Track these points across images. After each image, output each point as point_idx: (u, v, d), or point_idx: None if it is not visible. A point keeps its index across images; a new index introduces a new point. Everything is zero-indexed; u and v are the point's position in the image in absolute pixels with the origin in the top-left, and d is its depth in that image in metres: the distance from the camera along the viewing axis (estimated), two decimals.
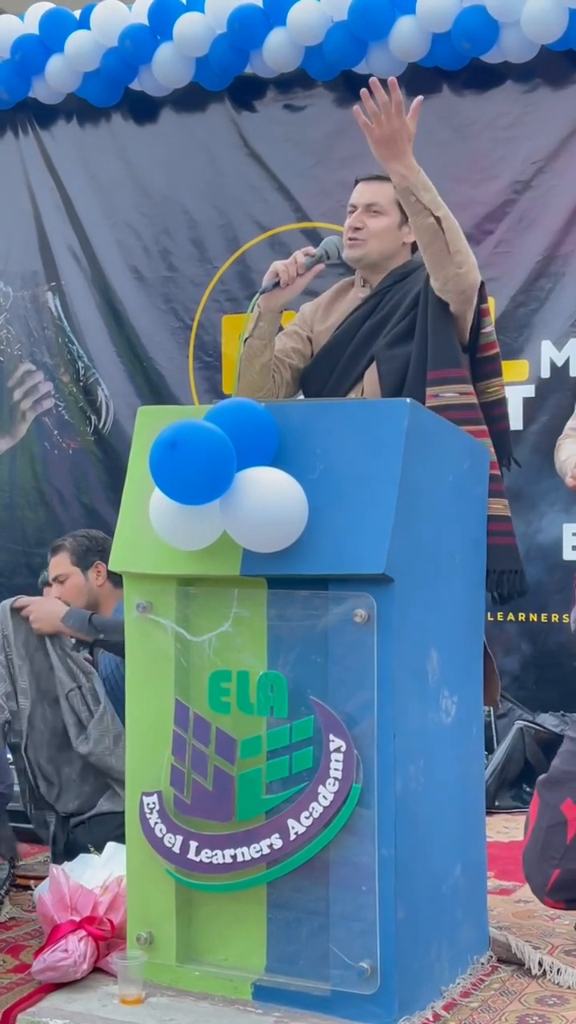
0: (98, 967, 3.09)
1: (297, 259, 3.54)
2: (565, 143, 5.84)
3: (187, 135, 6.67)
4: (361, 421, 2.88)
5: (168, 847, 2.98)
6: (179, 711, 3.00)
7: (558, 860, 1.66)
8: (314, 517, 2.82)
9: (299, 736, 2.87)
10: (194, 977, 2.98)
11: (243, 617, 2.96)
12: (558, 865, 1.66)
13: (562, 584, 5.71)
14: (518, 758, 5.33)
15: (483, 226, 5.99)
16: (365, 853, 2.80)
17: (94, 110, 6.81)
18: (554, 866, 1.68)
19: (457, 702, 3.11)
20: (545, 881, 1.70)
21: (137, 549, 3.04)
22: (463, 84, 6.04)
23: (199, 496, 2.78)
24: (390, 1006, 2.77)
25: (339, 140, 6.25)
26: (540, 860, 1.70)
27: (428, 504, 2.97)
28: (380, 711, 2.79)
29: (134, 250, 6.74)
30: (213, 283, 6.54)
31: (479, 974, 3.13)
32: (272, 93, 6.48)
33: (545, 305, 5.86)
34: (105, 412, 6.82)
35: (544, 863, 1.69)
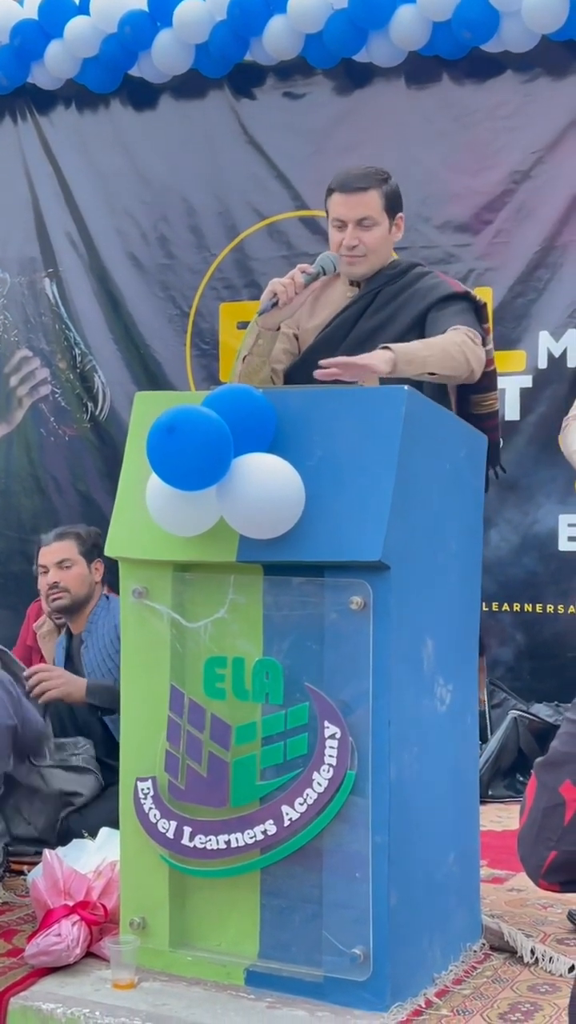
0: (91, 952, 3.10)
1: (295, 278, 3.47)
2: (565, 133, 5.81)
3: (186, 122, 6.64)
4: (359, 408, 2.88)
5: (162, 832, 2.98)
6: (174, 697, 3.00)
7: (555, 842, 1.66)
8: (311, 504, 2.82)
9: (294, 723, 2.87)
10: (187, 962, 2.99)
11: (239, 603, 2.96)
12: (555, 847, 1.66)
13: (557, 575, 5.71)
14: (512, 748, 5.33)
15: (482, 216, 5.97)
16: (359, 840, 2.81)
17: (93, 96, 6.78)
18: (550, 848, 1.67)
19: (452, 691, 3.12)
20: (540, 863, 1.70)
21: (133, 534, 3.04)
22: (463, 73, 6.02)
23: (196, 482, 2.77)
24: (382, 993, 2.78)
25: (338, 128, 6.23)
26: (536, 842, 1.70)
27: (425, 492, 2.97)
28: (375, 698, 2.80)
29: (132, 237, 6.72)
30: (211, 271, 6.53)
31: (471, 961, 3.14)
32: (272, 81, 6.46)
33: (543, 295, 5.84)
34: (102, 399, 6.80)
35: (540, 845, 1.69)
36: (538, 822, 1.70)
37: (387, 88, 6.17)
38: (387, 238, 3.65)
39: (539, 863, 1.70)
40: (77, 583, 4.46)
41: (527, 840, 1.72)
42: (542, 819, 1.69)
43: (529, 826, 1.72)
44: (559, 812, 1.67)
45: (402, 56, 6.01)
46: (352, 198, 3.60)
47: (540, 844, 1.70)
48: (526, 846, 1.73)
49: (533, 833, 1.71)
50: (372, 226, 3.60)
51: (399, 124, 6.08)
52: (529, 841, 1.72)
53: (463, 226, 6.01)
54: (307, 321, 3.68)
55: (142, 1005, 2.83)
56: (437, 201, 6.06)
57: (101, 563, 4.46)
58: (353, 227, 3.59)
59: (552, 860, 1.69)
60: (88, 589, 4.49)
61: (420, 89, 6.11)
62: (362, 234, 3.59)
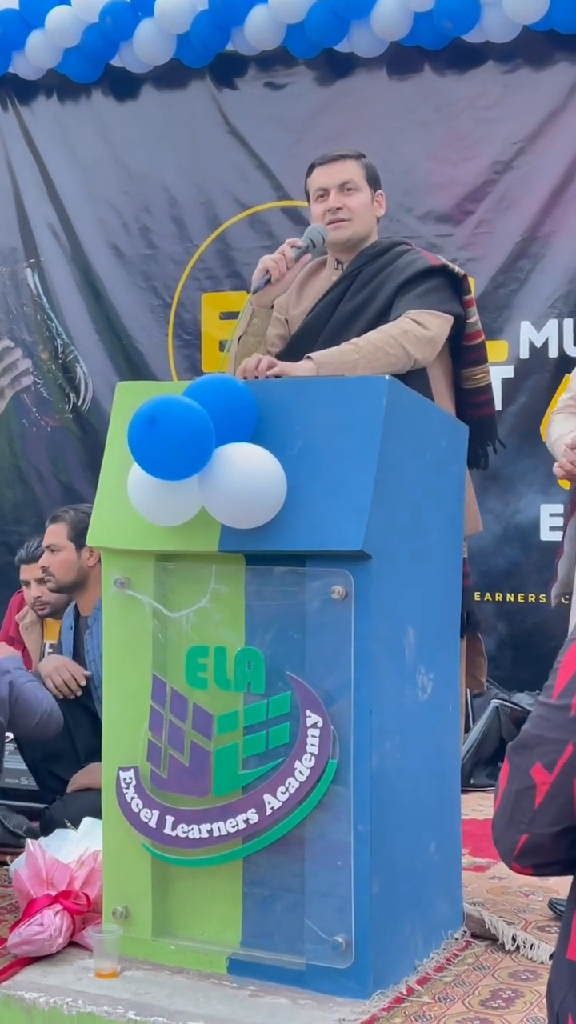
0: (74, 941, 3.10)
1: (285, 252, 3.47)
2: (546, 124, 5.83)
3: (168, 112, 6.64)
4: (340, 398, 2.88)
5: (144, 822, 2.99)
6: (156, 686, 3.00)
7: (526, 825, 1.67)
8: (292, 493, 2.83)
9: (276, 712, 2.88)
10: (169, 951, 2.99)
11: (221, 593, 2.96)
12: (526, 830, 1.67)
13: (539, 565, 5.72)
14: (494, 737, 5.35)
15: (464, 206, 5.99)
16: (341, 829, 2.81)
17: (75, 86, 6.78)
18: (522, 831, 1.68)
19: (433, 679, 3.12)
20: (513, 846, 1.70)
21: (115, 525, 3.05)
22: (444, 64, 6.03)
23: (177, 471, 2.78)
24: (364, 980, 2.79)
25: (320, 118, 6.24)
26: (508, 825, 1.70)
27: (406, 481, 2.97)
28: (357, 687, 2.80)
29: (114, 227, 6.72)
30: (193, 261, 6.53)
31: (453, 949, 3.15)
32: (253, 71, 6.46)
33: (525, 286, 5.86)
34: (84, 390, 6.80)
35: (512, 828, 1.70)
36: (510, 805, 1.71)
37: (369, 78, 6.18)
38: (369, 207, 3.66)
39: (511, 846, 1.71)
40: (64, 569, 4.41)
41: (500, 824, 1.73)
42: (514, 802, 1.70)
43: (502, 810, 1.73)
44: (530, 795, 1.68)
45: (384, 46, 6.02)
46: (332, 166, 3.65)
47: (512, 827, 1.71)
48: (499, 830, 1.74)
49: (505, 817, 1.72)
50: (354, 191, 3.63)
51: (381, 114, 6.09)
52: (502, 825, 1.73)
53: (445, 216, 6.02)
54: (294, 307, 3.69)
55: (125, 994, 2.83)
56: (419, 191, 6.07)
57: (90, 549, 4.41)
58: (336, 192, 3.62)
59: (524, 843, 1.70)
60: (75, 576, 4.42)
61: (402, 79, 6.12)
62: (345, 199, 3.62)
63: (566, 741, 1.66)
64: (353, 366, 3.27)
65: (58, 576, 4.40)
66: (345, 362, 3.27)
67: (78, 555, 4.37)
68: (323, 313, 3.63)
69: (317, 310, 3.64)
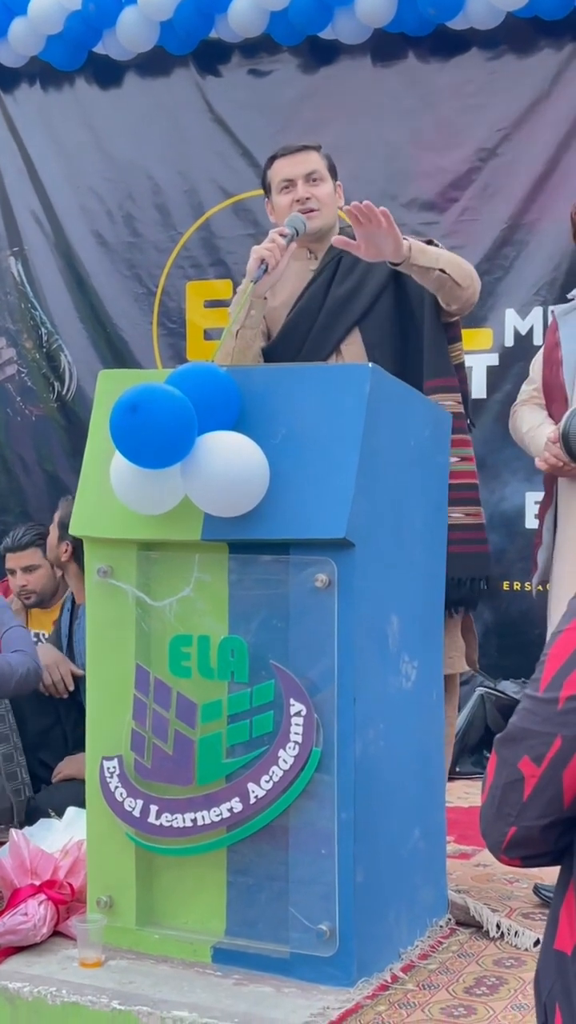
0: (58, 931, 3.10)
1: (277, 241, 3.47)
2: (530, 111, 5.82)
3: (151, 100, 6.61)
4: (323, 386, 2.87)
5: (128, 811, 2.98)
6: (140, 675, 3.00)
7: (514, 818, 1.67)
8: (275, 482, 2.82)
9: (259, 700, 2.87)
10: (154, 940, 2.99)
11: (204, 582, 2.96)
12: (514, 822, 1.67)
13: (524, 552, 5.72)
14: (479, 724, 5.36)
15: (448, 193, 5.98)
16: (325, 817, 2.81)
17: (58, 73, 6.74)
18: (510, 823, 1.68)
19: (417, 667, 3.12)
20: (501, 839, 1.71)
21: (98, 513, 3.04)
22: (428, 51, 6.01)
23: (160, 460, 2.77)
24: (349, 968, 2.79)
25: (305, 105, 6.22)
26: (496, 818, 1.71)
27: (390, 469, 2.97)
28: (340, 675, 2.80)
29: (98, 215, 6.69)
30: (177, 249, 6.51)
31: (438, 936, 3.15)
32: (237, 58, 6.43)
33: (510, 273, 5.85)
34: (68, 378, 6.78)
35: (500, 821, 1.70)
36: (498, 798, 1.71)
37: (353, 65, 6.16)
38: (333, 198, 3.71)
39: (500, 839, 1.71)
40: (39, 582, 4.86)
41: (488, 816, 1.73)
42: (502, 795, 1.70)
43: (489, 802, 1.73)
44: (518, 788, 1.68)
45: (368, 33, 6.00)
46: (296, 157, 3.69)
47: (500, 820, 1.71)
48: (487, 822, 1.74)
49: (493, 809, 1.72)
50: (320, 181, 3.67)
51: (365, 102, 6.07)
52: (490, 817, 1.73)
53: (429, 204, 6.01)
54: (271, 300, 3.67)
55: (109, 983, 2.83)
56: (403, 179, 6.06)
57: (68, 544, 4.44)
58: (302, 183, 3.65)
59: (512, 836, 1.70)
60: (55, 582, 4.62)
61: (386, 67, 6.10)
62: (312, 189, 3.65)
63: (554, 734, 1.66)
64: (437, 257, 3.42)
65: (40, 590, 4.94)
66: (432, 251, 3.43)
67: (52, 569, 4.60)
68: (313, 301, 3.63)
69: (306, 299, 3.64)
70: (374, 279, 3.58)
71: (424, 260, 3.38)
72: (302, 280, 3.67)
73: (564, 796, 1.66)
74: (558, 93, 5.78)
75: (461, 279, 3.44)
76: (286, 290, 3.66)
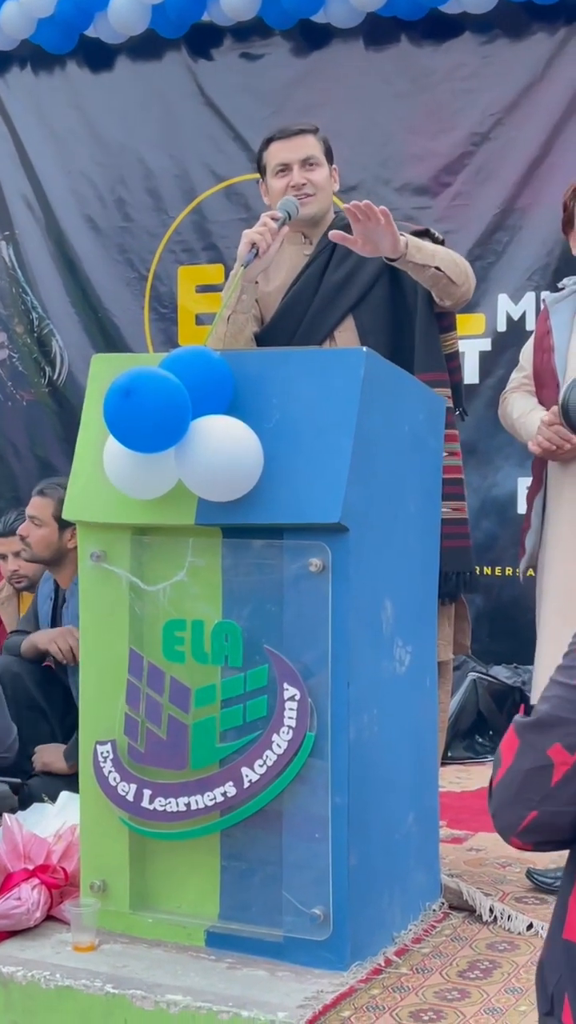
0: (51, 915, 3.10)
1: (268, 224, 3.44)
2: (523, 95, 5.81)
3: (143, 84, 6.59)
4: (317, 370, 2.87)
5: (122, 795, 2.98)
6: (133, 660, 2.99)
7: (536, 802, 1.66)
8: (269, 466, 2.81)
9: (253, 685, 2.87)
10: (147, 924, 2.99)
11: (198, 566, 2.95)
12: (536, 807, 1.66)
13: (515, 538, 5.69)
14: (471, 710, 5.37)
15: (441, 178, 5.97)
16: (318, 801, 2.81)
17: (49, 57, 6.72)
18: (531, 807, 1.67)
19: (411, 652, 3.12)
20: (518, 822, 1.69)
21: (91, 498, 3.03)
22: (421, 35, 6.00)
23: (154, 444, 2.76)
24: (342, 952, 2.79)
25: (296, 89, 6.20)
26: (515, 801, 1.69)
27: (384, 454, 2.96)
28: (334, 660, 2.80)
29: (89, 200, 6.67)
30: (169, 233, 6.49)
31: (431, 920, 3.16)
32: (229, 42, 6.42)
33: (502, 258, 5.84)
34: (59, 363, 6.77)
35: (519, 804, 1.68)
36: (518, 782, 1.69)
37: (345, 49, 6.14)
38: (329, 182, 3.68)
39: (516, 821, 1.70)
40: (40, 544, 4.42)
41: (505, 798, 1.71)
42: (524, 779, 1.68)
43: (507, 784, 1.70)
44: (546, 774, 1.66)
45: (360, 17, 5.98)
46: (293, 141, 3.64)
47: (519, 803, 1.69)
48: (503, 804, 1.71)
49: (512, 791, 1.70)
50: (316, 166, 3.63)
51: (357, 86, 6.06)
52: (507, 799, 1.71)
53: (422, 188, 6.00)
54: (264, 285, 3.66)
55: (103, 967, 2.83)
56: (396, 163, 6.05)
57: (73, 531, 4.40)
58: (298, 168, 3.61)
59: (532, 820, 1.68)
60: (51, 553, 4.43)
61: (378, 51, 6.09)
62: (309, 174, 3.62)
63: None
64: (433, 254, 3.40)
65: (35, 549, 4.41)
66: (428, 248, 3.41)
67: (60, 535, 4.37)
68: (308, 286, 3.61)
69: (300, 284, 3.63)
70: (369, 266, 3.57)
71: (420, 257, 3.37)
72: (297, 265, 3.65)
73: None
74: (551, 77, 5.77)
75: (456, 276, 3.43)
76: (280, 275, 3.65)
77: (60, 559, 4.40)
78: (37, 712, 4.35)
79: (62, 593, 4.45)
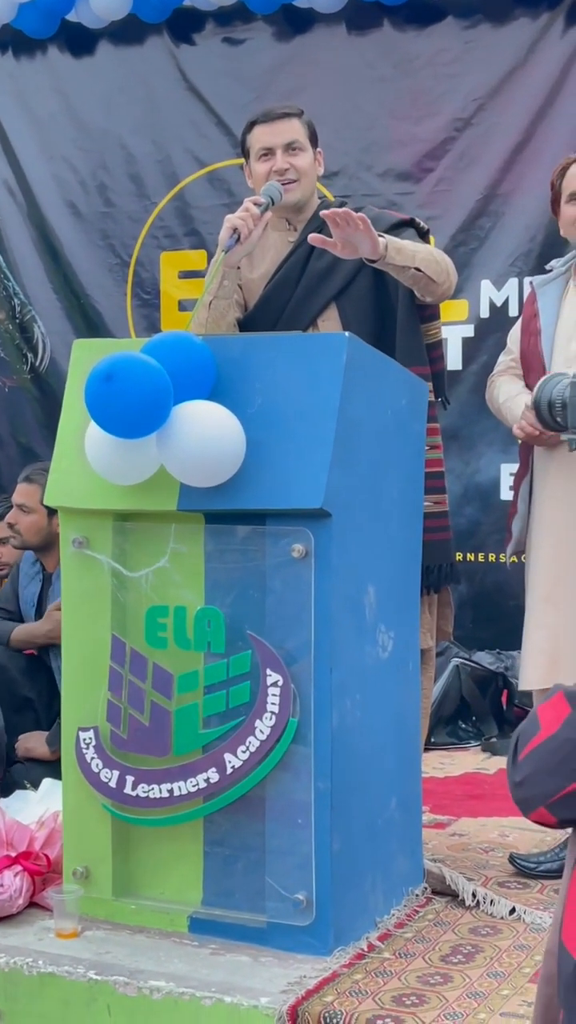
0: (34, 902, 3.10)
1: (250, 209, 3.40)
2: (506, 81, 5.80)
3: (125, 69, 6.56)
4: (300, 355, 2.86)
5: (104, 782, 2.98)
6: (116, 646, 2.98)
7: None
8: (252, 452, 2.81)
9: (236, 671, 2.87)
10: (130, 911, 2.99)
11: (180, 552, 2.95)
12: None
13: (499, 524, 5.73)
14: (454, 695, 5.37)
15: (423, 164, 5.96)
16: (301, 787, 2.81)
17: (30, 42, 6.68)
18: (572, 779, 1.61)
19: (394, 637, 3.12)
20: (554, 791, 1.62)
21: (73, 484, 3.02)
22: (404, 19, 5.98)
23: (135, 430, 2.75)
24: (325, 937, 2.80)
25: (279, 74, 6.19)
26: (555, 771, 1.62)
27: (366, 439, 2.96)
28: (317, 646, 2.80)
29: (71, 185, 6.65)
30: (151, 219, 6.47)
31: (414, 905, 3.16)
32: (211, 26, 6.39)
33: (485, 244, 5.84)
34: (42, 350, 6.74)
35: (559, 775, 1.61)
36: (563, 750, 1.62)
37: (328, 34, 6.13)
38: (314, 167, 3.63)
39: (552, 791, 1.63)
40: (30, 531, 4.42)
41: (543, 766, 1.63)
42: (569, 749, 1.62)
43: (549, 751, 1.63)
44: None
45: (343, 2, 5.97)
46: (277, 125, 3.60)
47: (560, 774, 1.62)
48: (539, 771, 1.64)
49: (555, 760, 1.62)
50: (300, 151, 3.59)
51: (340, 71, 6.04)
52: (545, 768, 1.63)
53: (405, 174, 5.99)
54: (248, 271, 3.64)
55: (85, 954, 2.83)
56: (379, 149, 6.03)
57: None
58: (282, 153, 3.57)
59: (570, 792, 1.62)
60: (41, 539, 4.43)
61: (361, 35, 6.07)
62: (292, 159, 3.58)
63: None
64: (413, 255, 3.36)
65: (25, 536, 4.41)
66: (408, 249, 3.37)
67: (49, 520, 4.36)
68: (292, 273, 3.59)
69: (284, 270, 3.60)
70: None
71: (400, 259, 3.34)
72: (281, 252, 3.63)
73: None
74: (534, 63, 5.77)
75: (436, 275, 3.40)
76: (265, 262, 3.63)
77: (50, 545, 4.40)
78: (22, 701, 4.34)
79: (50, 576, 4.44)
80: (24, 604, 4.47)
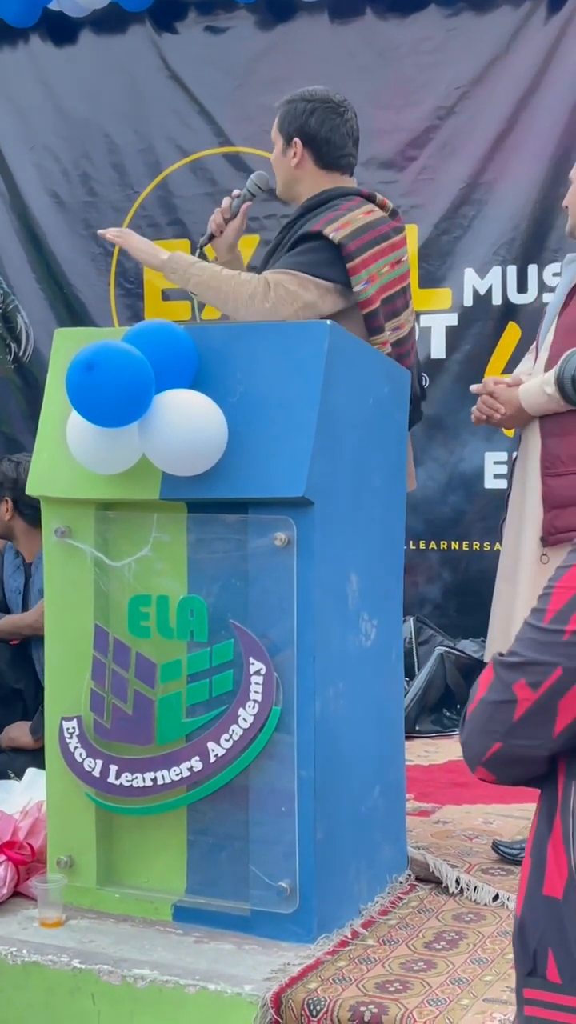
0: (18, 891, 3.10)
1: (223, 207, 3.47)
2: (489, 69, 5.79)
3: (107, 57, 6.54)
4: (282, 343, 2.86)
5: (88, 771, 2.98)
6: (99, 636, 2.98)
7: (501, 735, 1.71)
8: (234, 440, 2.81)
9: (219, 660, 2.87)
10: (114, 899, 3.00)
11: (163, 541, 2.95)
12: (500, 739, 1.71)
13: (484, 513, 5.74)
14: (439, 684, 5.38)
15: (406, 152, 5.95)
16: (284, 775, 2.82)
17: (12, 30, 6.65)
18: (495, 739, 1.73)
19: (377, 625, 3.13)
20: (484, 751, 1.75)
21: (55, 473, 3.01)
22: (386, 8, 5.97)
23: (117, 418, 2.75)
24: (309, 924, 2.80)
25: (262, 63, 6.17)
26: (483, 731, 1.75)
27: (348, 427, 2.96)
28: (300, 634, 2.80)
29: (53, 174, 6.63)
30: (134, 208, 6.46)
31: (398, 893, 3.17)
32: (193, 15, 6.37)
33: (468, 233, 5.83)
34: (25, 340, 6.73)
35: (486, 735, 1.74)
36: (487, 712, 1.74)
37: (310, 22, 6.11)
38: (280, 160, 3.51)
39: (482, 751, 1.75)
40: None
41: (475, 727, 1.76)
42: (492, 710, 1.73)
43: (479, 714, 1.76)
44: (510, 708, 1.71)
45: None
46: None
47: (486, 734, 1.74)
48: (471, 734, 1.77)
49: (482, 721, 1.75)
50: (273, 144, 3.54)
51: (322, 59, 6.02)
52: (475, 729, 1.76)
53: (388, 163, 5.98)
54: None
55: (70, 943, 2.83)
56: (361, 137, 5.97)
57: (9, 500, 4.40)
58: None
59: (496, 751, 1.74)
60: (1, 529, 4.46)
61: (343, 24, 6.06)
62: None
63: (555, 664, 1.69)
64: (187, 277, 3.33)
65: None
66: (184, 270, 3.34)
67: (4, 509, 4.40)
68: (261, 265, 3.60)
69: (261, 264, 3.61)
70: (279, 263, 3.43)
71: (174, 278, 3.36)
72: None
73: (555, 725, 1.69)
74: (516, 51, 5.76)
75: (214, 303, 3.34)
76: None
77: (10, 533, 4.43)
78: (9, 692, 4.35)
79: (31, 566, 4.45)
80: (10, 594, 4.48)
